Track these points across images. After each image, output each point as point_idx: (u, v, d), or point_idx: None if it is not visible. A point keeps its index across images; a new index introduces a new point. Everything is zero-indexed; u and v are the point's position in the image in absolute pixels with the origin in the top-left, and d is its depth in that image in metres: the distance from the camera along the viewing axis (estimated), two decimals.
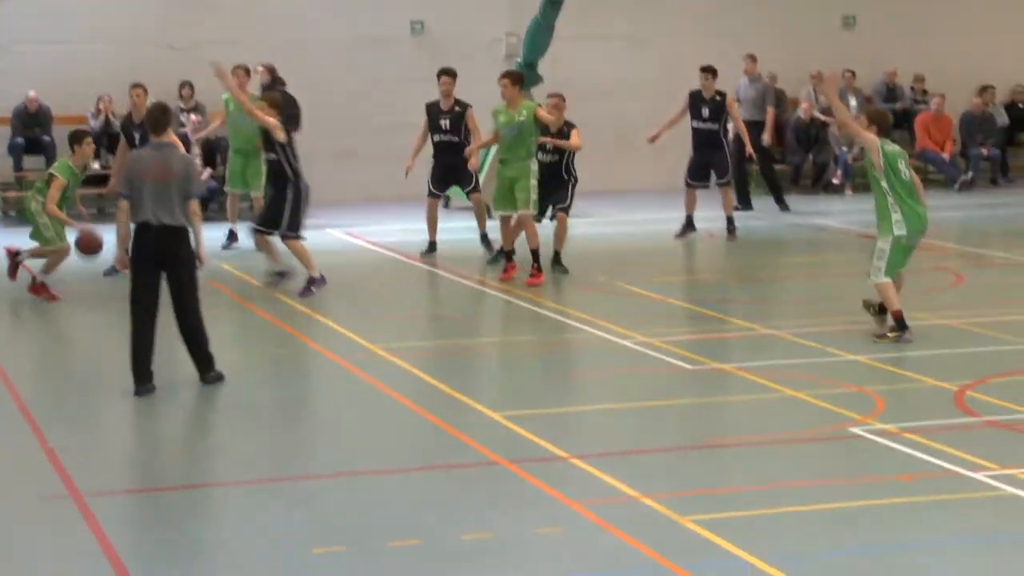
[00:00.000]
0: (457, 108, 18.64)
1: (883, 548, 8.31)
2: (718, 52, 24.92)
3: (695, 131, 20.27)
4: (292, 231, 16.10)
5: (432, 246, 18.95)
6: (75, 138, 16.34)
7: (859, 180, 20.80)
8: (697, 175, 20.32)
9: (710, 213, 20.40)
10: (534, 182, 16.87)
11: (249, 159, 19.27)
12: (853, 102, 25.27)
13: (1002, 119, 26.95)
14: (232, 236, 19.76)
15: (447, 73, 18.82)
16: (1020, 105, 27.43)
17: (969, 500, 9.05)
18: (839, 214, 22.39)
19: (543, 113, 16.91)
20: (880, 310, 13.73)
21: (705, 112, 20.12)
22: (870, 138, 13.37)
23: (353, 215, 22.95)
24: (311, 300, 15.80)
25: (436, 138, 18.70)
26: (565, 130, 17.21)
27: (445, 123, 18.60)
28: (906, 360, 12.83)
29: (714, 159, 20.17)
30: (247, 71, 19.43)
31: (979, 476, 9.41)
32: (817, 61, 25.64)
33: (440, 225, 19.03)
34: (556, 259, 17.47)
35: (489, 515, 9.04)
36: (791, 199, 23.51)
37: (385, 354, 13.48)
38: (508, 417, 11.14)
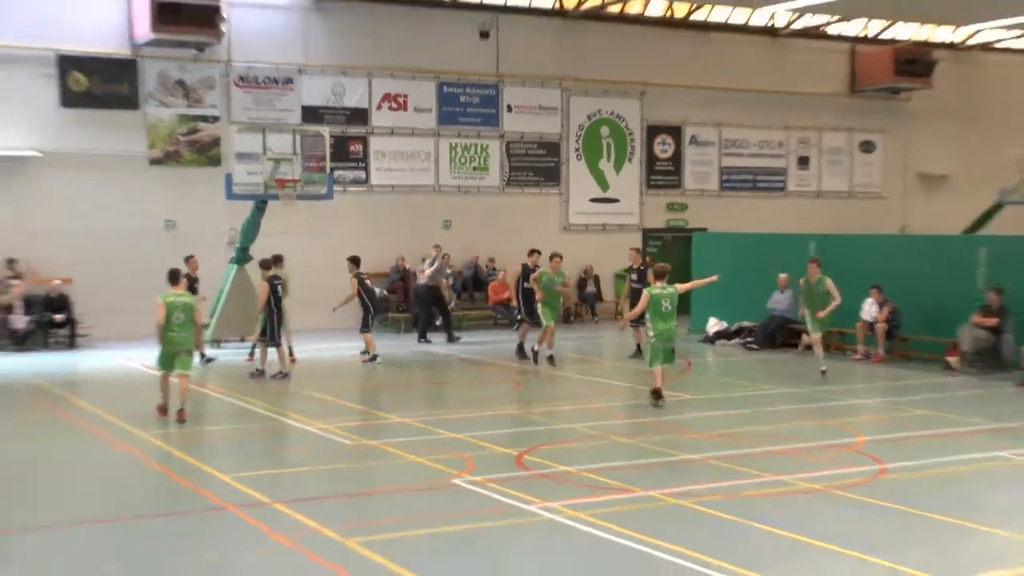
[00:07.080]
0: None
1: (485, 555, 8.59)
2: (362, 245, 25.36)
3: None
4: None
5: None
6: None
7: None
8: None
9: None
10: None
11: None
12: (448, 270, 25.76)
13: None
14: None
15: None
16: None
17: (528, 523, 9.36)
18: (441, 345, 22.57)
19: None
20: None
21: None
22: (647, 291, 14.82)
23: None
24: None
25: None
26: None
27: None
28: (486, 436, 13.08)
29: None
30: None
31: (532, 508, 9.76)
32: (424, 248, 26.21)
33: None
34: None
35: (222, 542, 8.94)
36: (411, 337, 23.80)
37: (141, 433, 13.11)
38: (234, 478, 10.98)
